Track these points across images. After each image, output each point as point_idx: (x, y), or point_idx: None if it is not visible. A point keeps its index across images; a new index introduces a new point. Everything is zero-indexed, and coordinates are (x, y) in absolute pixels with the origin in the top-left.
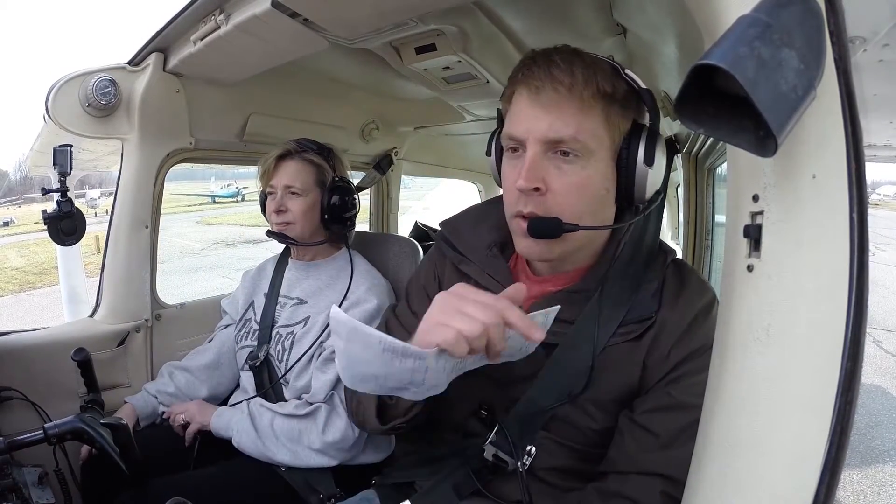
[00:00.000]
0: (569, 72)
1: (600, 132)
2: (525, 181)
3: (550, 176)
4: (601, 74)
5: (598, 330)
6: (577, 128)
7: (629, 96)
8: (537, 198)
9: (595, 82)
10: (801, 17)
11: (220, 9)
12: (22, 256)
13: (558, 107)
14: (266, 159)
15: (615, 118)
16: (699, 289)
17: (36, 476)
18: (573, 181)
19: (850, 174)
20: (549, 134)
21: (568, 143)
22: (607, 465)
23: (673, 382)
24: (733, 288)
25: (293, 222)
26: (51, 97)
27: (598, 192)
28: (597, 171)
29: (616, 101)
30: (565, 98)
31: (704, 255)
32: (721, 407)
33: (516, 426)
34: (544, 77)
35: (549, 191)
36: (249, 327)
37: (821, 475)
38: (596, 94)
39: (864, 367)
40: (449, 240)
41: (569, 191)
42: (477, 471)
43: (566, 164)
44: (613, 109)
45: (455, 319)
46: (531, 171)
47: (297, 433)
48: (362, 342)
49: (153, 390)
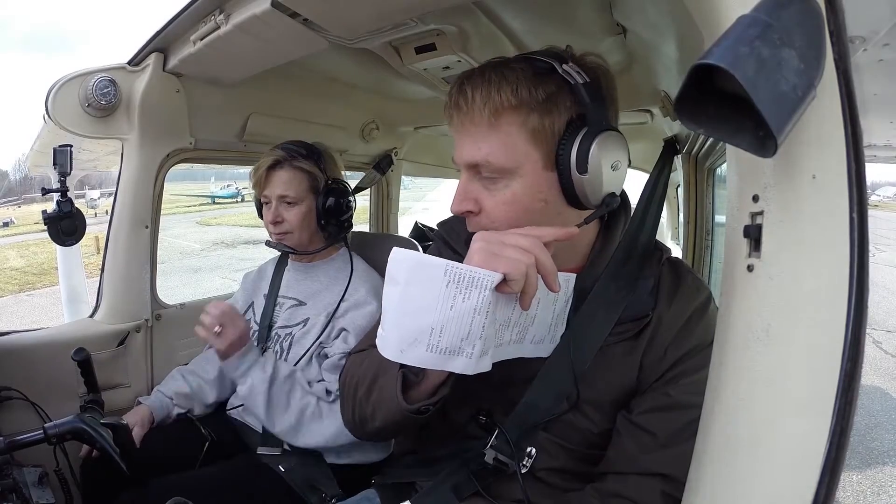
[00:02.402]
0: (468, 95)
1: (521, 146)
2: (455, 206)
3: (482, 197)
4: (508, 86)
5: (594, 330)
6: (487, 151)
7: (559, 95)
8: (473, 218)
9: (498, 98)
10: (801, 17)
11: (220, 9)
12: (22, 257)
13: (467, 132)
14: (258, 169)
15: (539, 124)
16: (695, 286)
17: (36, 476)
18: (500, 200)
19: (850, 174)
20: (467, 159)
21: (483, 166)
22: (606, 466)
23: (671, 382)
24: (733, 288)
25: (291, 231)
26: (51, 97)
27: (533, 204)
28: (524, 186)
29: (534, 107)
30: (469, 122)
31: (704, 255)
32: (721, 407)
33: (516, 429)
34: (452, 105)
35: (483, 210)
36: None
37: (821, 475)
38: (500, 109)
39: (864, 368)
40: (447, 240)
41: (498, 209)
42: (477, 472)
43: (491, 184)
44: (533, 117)
45: (507, 250)
46: (459, 196)
47: (311, 413)
48: (426, 277)
49: (169, 392)
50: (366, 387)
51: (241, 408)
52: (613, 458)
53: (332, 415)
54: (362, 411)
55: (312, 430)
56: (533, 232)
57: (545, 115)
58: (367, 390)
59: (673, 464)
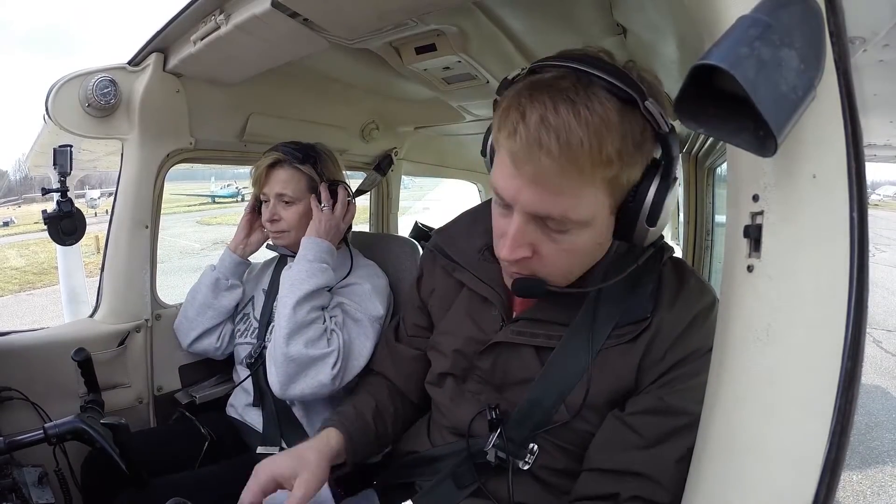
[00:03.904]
0: (563, 139)
1: (601, 199)
2: (509, 253)
3: (540, 242)
4: (610, 134)
5: (592, 333)
6: (567, 206)
7: (644, 144)
8: (525, 262)
9: (600, 149)
10: (801, 17)
11: (220, 9)
12: (22, 256)
13: (546, 181)
14: (258, 167)
15: (619, 174)
16: (698, 290)
17: (36, 476)
18: (564, 248)
19: (851, 174)
20: (536, 209)
21: (558, 220)
22: (588, 462)
23: (666, 385)
24: (733, 288)
25: (287, 230)
26: (50, 97)
27: (592, 250)
28: (592, 236)
29: (624, 160)
30: (555, 172)
31: (704, 255)
32: (721, 407)
33: (516, 429)
34: (531, 143)
35: (537, 254)
36: (249, 323)
37: (821, 475)
38: (598, 163)
39: (864, 367)
40: (442, 248)
41: (559, 257)
42: (478, 471)
43: (557, 233)
44: (616, 168)
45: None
46: (515, 242)
47: (316, 335)
48: None
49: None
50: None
51: (241, 407)
52: (593, 453)
53: (324, 348)
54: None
55: (305, 342)
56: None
57: (631, 163)
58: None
59: (655, 465)
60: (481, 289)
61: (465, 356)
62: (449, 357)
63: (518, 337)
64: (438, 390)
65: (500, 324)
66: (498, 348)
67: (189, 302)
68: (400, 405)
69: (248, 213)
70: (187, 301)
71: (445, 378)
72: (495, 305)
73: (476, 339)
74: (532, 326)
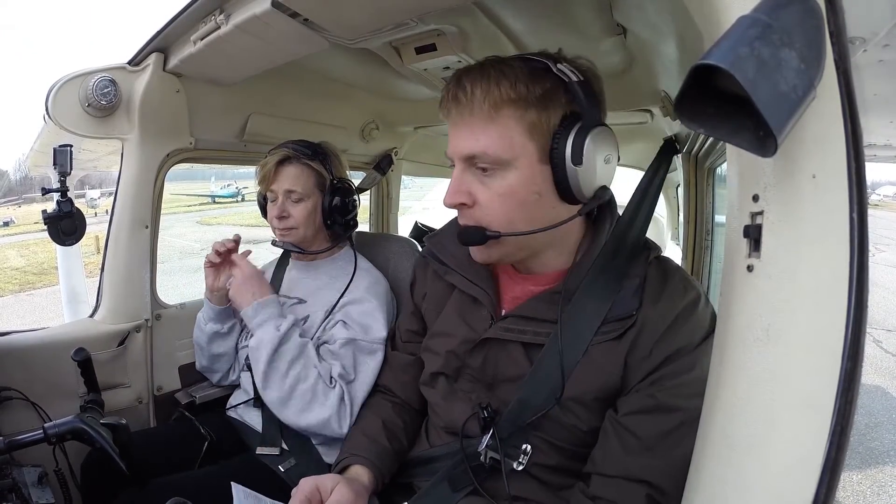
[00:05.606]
0: (467, 89)
1: (517, 139)
2: (448, 199)
3: (476, 189)
4: (507, 81)
5: (579, 330)
6: (486, 142)
7: (554, 92)
8: (467, 211)
9: (497, 91)
10: (801, 17)
11: (220, 9)
12: (22, 256)
13: (465, 124)
14: (266, 164)
15: (536, 119)
16: (682, 286)
17: (36, 476)
18: (494, 192)
19: (850, 174)
20: (464, 151)
21: (480, 157)
22: (592, 466)
23: (656, 383)
24: (733, 288)
25: (296, 227)
26: (51, 97)
27: (527, 197)
28: (520, 179)
29: (532, 102)
30: (468, 114)
31: (704, 255)
32: (721, 407)
33: (508, 427)
34: (450, 99)
35: (477, 203)
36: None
37: (821, 475)
38: (500, 102)
39: (864, 367)
40: (433, 252)
41: (492, 201)
42: (474, 471)
43: (486, 177)
44: (530, 111)
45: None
46: (453, 188)
47: (305, 391)
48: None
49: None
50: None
51: (241, 407)
52: (599, 458)
53: (323, 403)
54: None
55: (299, 410)
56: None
57: (542, 111)
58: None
59: (658, 472)
60: (471, 289)
61: (457, 355)
62: (441, 357)
63: (506, 333)
64: (432, 390)
65: (490, 322)
66: (487, 345)
67: (199, 354)
68: (407, 417)
69: (208, 265)
70: (197, 355)
71: (438, 377)
72: (485, 305)
73: (468, 339)
74: (520, 323)
